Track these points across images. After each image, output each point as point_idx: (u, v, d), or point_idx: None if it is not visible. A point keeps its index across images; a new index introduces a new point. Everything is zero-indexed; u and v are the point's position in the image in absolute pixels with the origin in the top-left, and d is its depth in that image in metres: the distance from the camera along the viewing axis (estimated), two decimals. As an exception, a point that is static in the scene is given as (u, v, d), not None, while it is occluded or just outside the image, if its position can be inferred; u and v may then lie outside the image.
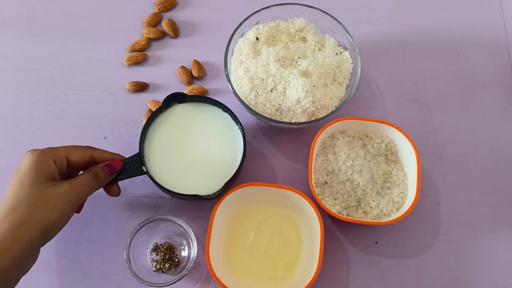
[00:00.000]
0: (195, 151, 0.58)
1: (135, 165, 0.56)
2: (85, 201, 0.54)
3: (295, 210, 0.60)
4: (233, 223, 0.61)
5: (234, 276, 0.59)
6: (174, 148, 0.58)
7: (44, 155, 0.50)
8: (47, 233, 0.48)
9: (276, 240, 0.60)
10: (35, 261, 0.51)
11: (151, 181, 0.56)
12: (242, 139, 0.58)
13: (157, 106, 0.68)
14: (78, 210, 0.56)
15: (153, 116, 0.59)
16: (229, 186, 0.57)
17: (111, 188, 0.56)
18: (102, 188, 0.56)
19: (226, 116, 0.60)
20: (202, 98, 0.60)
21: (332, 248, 0.61)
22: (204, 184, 0.57)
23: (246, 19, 0.64)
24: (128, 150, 0.61)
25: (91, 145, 0.55)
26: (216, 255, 0.57)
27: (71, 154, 0.52)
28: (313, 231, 0.58)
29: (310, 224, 0.59)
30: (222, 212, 0.58)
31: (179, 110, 0.60)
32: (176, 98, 0.60)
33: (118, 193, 0.57)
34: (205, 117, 0.60)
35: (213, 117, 0.60)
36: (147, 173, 0.56)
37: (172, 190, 0.56)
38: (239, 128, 0.59)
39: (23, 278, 0.59)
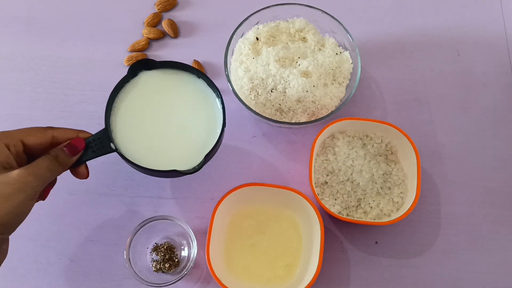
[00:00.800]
0: (169, 122, 0.52)
1: (102, 142, 0.49)
2: (51, 187, 0.50)
3: (295, 210, 0.60)
4: (233, 223, 0.61)
5: (234, 276, 0.59)
6: (146, 120, 0.52)
7: None
8: (2, 225, 0.43)
9: (276, 240, 0.60)
10: (6, 252, 0.47)
11: (151, 180, 0.56)
12: (220, 106, 0.53)
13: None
14: (43, 197, 0.50)
15: (118, 87, 0.53)
16: (209, 158, 0.52)
17: (78, 169, 0.50)
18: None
19: (201, 82, 0.54)
20: (172, 63, 0.54)
21: (332, 248, 0.61)
22: (182, 158, 0.51)
23: (246, 19, 0.64)
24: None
25: None
26: (216, 255, 0.57)
27: (27, 136, 0.47)
28: (313, 231, 0.58)
29: (310, 224, 0.59)
30: (222, 212, 0.58)
31: (147, 78, 0.54)
32: (143, 66, 0.53)
33: (86, 175, 0.51)
34: (178, 84, 0.54)
35: (186, 84, 0.54)
36: (116, 150, 0.50)
37: (147, 167, 0.50)
38: (217, 95, 0.53)
39: (23, 278, 0.59)
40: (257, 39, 0.65)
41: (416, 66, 0.71)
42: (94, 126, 0.66)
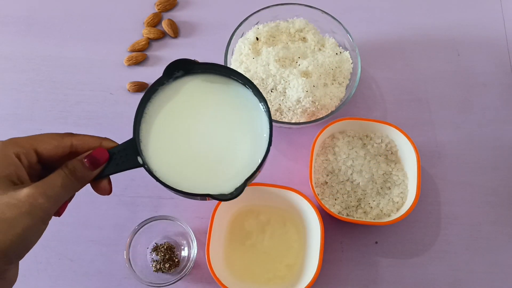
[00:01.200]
0: (209, 138, 0.44)
1: (127, 154, 0.42)
2: (68, 201, 0.42)
3: (295, 210, 0.60)
4: (233, 223, 0.61)
5: (234, 276, 0.59)
6: (182, 133, 0.44)
7: (4, 146, 0.38)
8: (4, 256, 0.35)
9: (276, 240, 0.60)
10: (15, 279, 0.39)
11: (151, 180, 0.52)
12: (267, 122, 0.44)
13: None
14: (59, 213, 0.42)
15: (151, 91, 0.44)
16: (250, 182, 0.43)
17: (99, 184, 0.42)
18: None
19: (248, 92, 0.46)
20: (217, 67, 0.46)
21: (332, 248, 0.61)
22: (219, 180, 0.43)
23: (246, 19, 0.64)
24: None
25: None
26: (216, 255, 0.57)
27: (41, 145, 0.39)
28: (313, 231, 0.58)
29: (310, 224, 0.59)
30: (222, 212, 0.58)
31: (186, 83, 0.46)
32: (181, 67, 0.45)
33: (109, 191, 0.43)
34: (223, 94, 0.46)
35: (232, 94, 0.46)
36: (143, 165, 0.42)
37: (176, 187, 0.42)
38: (264, 108, 0.45)
39: (23, 278, 0.59)
40: (257, 39, 0.65)
41: (416, 66, 0.71)
42: (94, 126, 0.66)
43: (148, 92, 0.44)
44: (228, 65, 0.63)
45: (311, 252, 0.58)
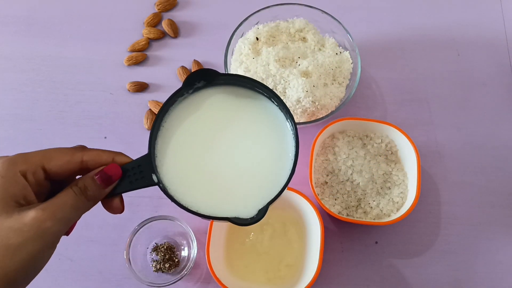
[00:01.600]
0: (230, 156, 0.41)
1: (142, 171, 0.39)
2: (76, 221, 0.38)
3: (295, 210, 0.60)
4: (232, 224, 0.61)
5: (234, 276, 0.59)
6: (201, 150, 0.41)
7: (10, 164, 0.35)
8: (11, 283, 0.34)
9: (277, 240, 0.60)
10: None
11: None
12: (293, 140, 0.41)
13: (158, 107, 0.67)
14: (67, 233, 0.39)
15: (170, 102, 0.41)
16: (271, 204, 0.39)
17: (111, 203, 0.39)
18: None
19: (274, 108, 0.42)
20: (241, 78, 0.42)
21: (332, 248, 0.61)
22: (239, 202, 0.40)
23: (246, 19, 0.64)
24: (129, 151, 0.60)
25: (91, 146, 0.42)
26: (216, 255, 0.57)
27: (50, 161, 0.36)
28: (313, 231, 0.58)
29: (310, 224, 0.59)
30: None
31: (209, 97, 0.42)
32: (203, 77, 0.41)
33: (121, 210, 0.40)
34: (247, 109, 0.42)
35: (257, 109, 0.42)
36: (158, 184, 0.39)
37: (193, 209, 0.40)
38: (291, 125, 0.41)
39: (23, 278, 0.59)
40: (257, 39, 0.65)
41: (416, 66, 0.71)
42: (94, 126, 0.66)
43: (167, 104, 0.41)
44: (228, 65, 0.63)
45: (311, 252, 0.58)
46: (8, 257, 0.33)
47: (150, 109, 0.67)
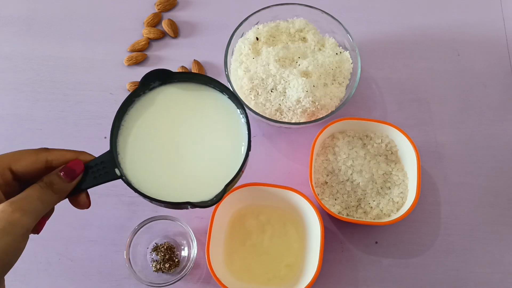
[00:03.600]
0: (186, 146, 0.44)
1: (105, 167, 0.42)
2: (46, 218, 0.42)
3: (295, 210, 0.60)
4: (233, 223, 0.61)
5: (234, 276, 0.59)
6: (159, 143, 0.44)
7: None
8: None
9: (277, 240, 0.60)
10: None
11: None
12: (245, 128, 0.44)
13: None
14: (37, 230, 0.41)
15: (128, 102, 0.44)
16: (230, 188, 0.43)
17: (78, 199, 0.42)
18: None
19: (225, 99, 0.46)
20: (193, 75, 0.46)
21: (332, 248, 0.61)
22: (199, 187, 0.43)
23: (246, 19, 0.64)
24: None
25: (91, 146, 0.48)
26: (216, 255, 0.57)
27: (16, 162, 0.39)
28: (313, 231, 0.58)
29: (310, 224, 0.59)
30: (222, 212, 0.58)
31: (163, 94, 0.46)
32: (158, 77, 0.45)
33: (88, 205, 0.43)
34: (200, 102, 0.46)
35: (209, 102, 0.46)
36: (121, 177, 0.41)
37: (157, 197, 0.41)
38: (242, 113, 0.45)
39: (23, 278, 0.59)
40: (257, 39, 0.65)
41: (416, 66, 0.71)
42: (94, 126, 0.66)
43: (124, 104, 0.44)
44: (228, 65, 0.63)
45: (311, 252, 0.58)
46: None
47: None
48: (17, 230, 0.36)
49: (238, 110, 0.45)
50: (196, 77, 0.46)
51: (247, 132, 0.44)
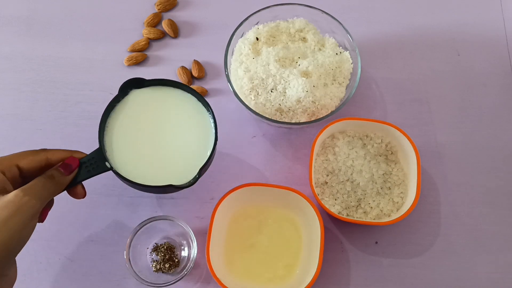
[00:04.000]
0: (163, 139, 0.53)
1: (96, 162, 0.50)
2: (48, 209, 0.50)
3: (295, 210, 0.60)
4: (233, 223, 0.61)
5: (234, 276, 0.59)
6: (139, 138, 0.53)
7: None
8: (4, 252, 0.42)
9: (276, 240, 0.60)
10: (15, 275, 0.46)
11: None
12: (212, 121, 0.54)
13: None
14: (41, 219, 0.49)
15: (110, 107, 0.54)
16: (204, 172, 0.53)
17: (75, 190, 0.51)
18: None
19: (192, 98, 0.55)
20: (162, 81, 0.55)
21: (332, 248, 0.61)
22: (178, 173, 0.52)
23: (246, 19, 0.64)
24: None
25: (91, 145, 0.53)
26: (216, 255, 0.57)
27: (21, 160, 0.47)
28: (313, 231, 0.58)
29: (310, 224, 0.59)
30: (222, 212, 0.58)
31: (138, 97, 0.55)
32: (133, 84, 0.54)
33: (83, 195, 0.51)
34: (169, 101, 0.55)
35: (178, 101, 0.55)
36: (111, 169, 0.51)
37: (143, 183, 0.51)
38: (208, 110, 0.55)
39: (23, 278, 0.59)
40: (257, 39, 0.65)
41: (416, 66, 0.71)
42: (94, 126, 0.66)
43: (107, 109, 0.53)
44: (228, 65, 0.63)
45: (311, 252, 0.58)
46: (0, 229, 0.41)
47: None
48: (29, 211, 0.43)
49: (204, 107, 0.55)
50: (165, 82, 0.55)
51: (213, 125, 0.54)
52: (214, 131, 0.54)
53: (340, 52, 0.65)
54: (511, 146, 0.67)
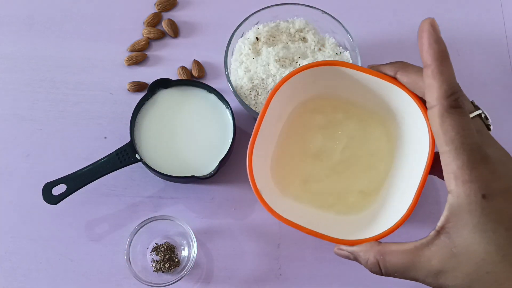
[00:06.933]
0: (186, 134, 0.59)
1: (128, 153, 0.57)
2: None
3: (390, 114, 0.41)
4: (293, 118, 0.43)
5: (285, 195, 0.43)
6: (165, 133, 0.60)
7: None
8: None
9: (354, 154, 0.43)
10: None
11: (151, 180, 0.56)
12: (231, 117, 0.59)
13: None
14: None
15: (140, 104, 0.60)
16: (223, 164, 0.58)
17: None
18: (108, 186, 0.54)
19: (212, 97, 0.61)
20: (186, 81, 0.62)
21: (330, 247, 0.61)
22: (199, 165, 0.58)
23: (246, 19, 0.64)
24: (128, 150, 0.61)
25: (91, 145, 0.55)
26: (261, 165, 0.40)
27: None
28: (414, 151, 0.40)
29: (411, 139, 0.40)
30: (280, 101, 0.39)
31: (165, 95, 0.61)
32: (161, 84, 0.61)
33: None
34: (192, 99, 0.61)
35: (199, 99, 0.61)
36: (141, 160, 0.57)
37: (168, 174, 0.56)
38: (227, 107, 0.60)
39: (23, 278, 0.59)
40: (257, 39, 0.65)
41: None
42: (94, 126, 0.66)
43: (137, 106, 0.60)
44: (228, 65, 0.63)
45: (404, 181, 0.40)
46: None
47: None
48: None
49: (224, 105, 0.61)
50: (188, 82, 0.62)
51: (232, 121, 0.59)
52: (233, 126, 0.59)
53: (340, 52, 0.65)
54: (511, 146, 0.67)
